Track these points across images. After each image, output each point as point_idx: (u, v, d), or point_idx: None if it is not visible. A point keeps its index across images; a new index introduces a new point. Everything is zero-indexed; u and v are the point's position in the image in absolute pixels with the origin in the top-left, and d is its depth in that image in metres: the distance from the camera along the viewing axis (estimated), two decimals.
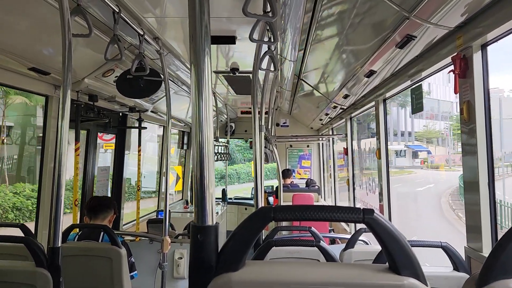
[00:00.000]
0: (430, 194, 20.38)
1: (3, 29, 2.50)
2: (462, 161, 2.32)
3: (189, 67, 4.30)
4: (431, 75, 2.91)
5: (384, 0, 2.09)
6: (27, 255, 2.43)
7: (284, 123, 9.52)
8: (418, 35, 2.40)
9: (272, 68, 3.10)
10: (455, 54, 2.25)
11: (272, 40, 2.50)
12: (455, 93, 2.28)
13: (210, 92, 1.04)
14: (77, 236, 3.04)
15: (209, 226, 0.98)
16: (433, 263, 2.70)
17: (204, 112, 1.02)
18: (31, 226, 3.07)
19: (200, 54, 1.04)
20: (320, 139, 9.35)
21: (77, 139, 3.79)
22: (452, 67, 2.32)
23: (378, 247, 2.74)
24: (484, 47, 2.15)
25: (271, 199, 8.63)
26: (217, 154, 7.19)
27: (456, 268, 1.98)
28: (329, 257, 2.08)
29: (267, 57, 2.81)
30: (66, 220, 3.69)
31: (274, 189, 8.76)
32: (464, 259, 2.13)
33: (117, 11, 2.52)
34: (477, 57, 2.15)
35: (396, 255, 0.89)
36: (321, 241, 2.25)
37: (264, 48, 2.81)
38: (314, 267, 0.94)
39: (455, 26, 2.19)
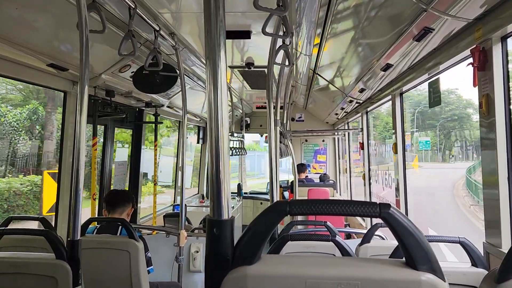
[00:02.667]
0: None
1: (23, 27, 2.55)
2: (481, 156, 2.28)
3: (204, 62, 4.32)
4: (449, 68, 2.86)
5: None
6: (47, 248, 2.49)
7: (299, 117, 9.48)
8: (436, 28, 2.35)
9: (287, 63, 3.10)
10: (474, 46, 2.21)
11: (286, 34, 2.49)
12: (474, 86, 2.23)
13: (225, 87, 1.04)
14: (96, 230, 3.10)
15: (225, 220, 0.99)
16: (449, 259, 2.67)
17: (219, 108, 1.03)
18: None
19: (215, 49, 1.04)
20: (336, 133, 9.29)
21: (94, 134, 3.85)
22: (470, 60, 2.27)
23: (394, 242, 2.72)
24: (504, 39, 2.10)
25: (286, 193, 8.63)
26: (233, 149, 7.21)
27: (474, 264, 1.96)
28: (344, 252, 2.07)
29: (282, 52, 2.80)
30: (85, 213, 3.77)
31: (289, 184, 8.75)
32: (482, 254, 2.10)
33: (133, 7, 2.54)
34: (496, 49, 2.10)
35: (413, 250, 0.88)
36: (336, 235, 2.24)
37: (279, 42, 2.80)
38: (330, 262, 0.94)
39: (474, 18, 2.15)
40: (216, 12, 1.06)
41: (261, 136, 10.75)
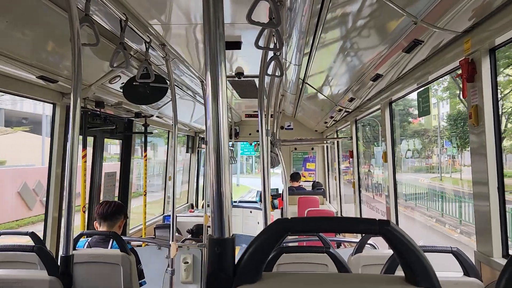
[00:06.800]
0: None
1: (13, 39, 2.52)
2: (472, 166, 2.31)
3: (194, 72, 4.33)
4: (438, 79, 2.90)
5: (391, 5, 2.08)
6: (36, 263, 2.45)
7: (288, 125, 9.52)
8: (425, 40, 2.39)
9: (277, 73, 3.11)
10: (463, 58, 2.25)
11: (278, 47, 2.50)
12: (463, 97, 2.27)
13: (225, 99, 1.04)
14: (87, 243, 3.06)
15: (227, 238, 0.98)
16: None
17: (221, 120, 1.02)
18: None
19: (216, 61, 1.05)
20: (325, 142, 9.34)
21: (84, 146, 3.81)
22: (459, 71, 2.31)
23: (387, 252, 2.74)
24: (492, 51, 2.14)
25: (276, 201, 8.62)
26: None
27: (466, 273, 1.97)
28: (339, 264, 2.08)
29: (272, 61, 2.82)
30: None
31: (279, 192, 8.75)
32: (474, 263, 2.12)
33: (124, 19, 2.54)
34: (485, 61, 2.15)
35: (414, 266, 0.89)
36: (330, 247, 2.25)
37: (270, 53, 2.82)
38: (330, 280, 0.94)
39: (463, 30, 2.19)
40: (216, 25, 1.06)
41: (250, 144, 10.76)
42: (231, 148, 7.98)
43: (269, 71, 3.04)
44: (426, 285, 0.88)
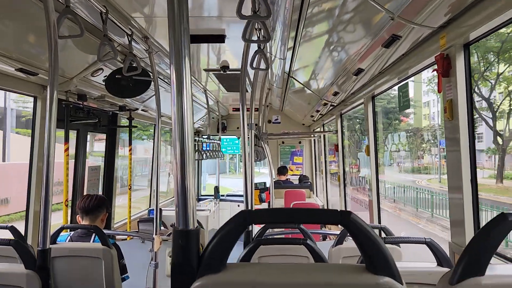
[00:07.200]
0: None
1: None
2: (446, 159, 2.36)
3: None
4: (418, 73, 2.94)
5: (369, 1, 2.11)
6: (16, 257, 2.44)
7: (275, 119, 9.54)
8: (404, 35, 2.42)
9: (262, 66, 3.12)
10: (438, 53, 2.28)
11: (266, 39, 2.51)
12: (439, 92, 2.31)
13: (189, 94, 1.05)
14: (69, 237, 3.05)
15: (191, 230, 1.00)
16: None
17: (185, 114, 1.03)
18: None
19: (180, 54, 1.05)
20: (312, 135, 9.39)
21: (66, 140, 3.79)
22: (435, 66, 2.35)
23: None
24: (466, 46, 2.18)
25: (263, 195, 8.66)
26: (209, 151, 7.19)
27: (440, 263, 2.02)
28: (316, 255, 2.11)
29: (257, 55, 2.82)
30: (57, 220, 3.68)
31: (267, 186, 8.79)
32: (448, 254, 2.17)
33: (105, 11, 2.52)
34: (459, 57, 2.18)
35: (373, 256, 0.92)
36: (308, 239, 2.28)
37: (254, 46, 2.83)
38: (294, 268, 0.97)
39: (439, 26, 2.22)
40: (180, 18, 1.07)
41: (238, 138, 10.77)
42: (218, 142, 7.97)
43: (254, 65, 3.05)
44: (385, 274, 0.91)
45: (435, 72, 2.35)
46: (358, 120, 9.77)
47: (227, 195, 10.19)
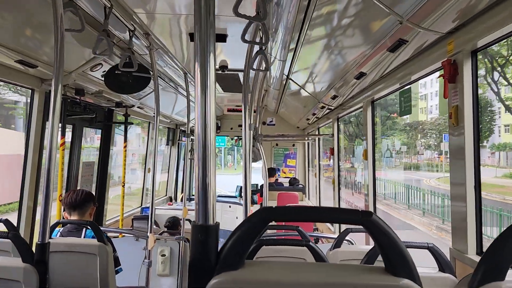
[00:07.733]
0: None
1: None
2: (450, 164, 2.36)
3: (178, 63, 4.28)
4: (420, 79, 2.95)
5: (378, 4, 2.10)
6: (10, 250, 2.39)
7: (270, 121, 9.53)
8: (410, 39, 2.43)
9: (262, 68, 3.11)
10: (445, 59, 2.29)
11: (264, 41, 2.50)
12: (445, 97, 2.31)
13: (213, 91, 1.03)
14: (59, 233, 3.00)
15: (211, 225, 0.98)
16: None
17: (208, 112, 1.02)
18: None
19: (206, 53, 1.04)
20: (307, 138, 9.40)
21: (62, 134, 3.73)
22: (441, 72, 2.35)
23: (364, 247, 2.77)
24: (474, 53, 2.18)
25: (255, 197, 8.64)
26: None
27: (442, 269, 2.02)
28: (318, 257, 2.09)
29: (258, 56, 2.81)
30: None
31: (259, 188, 8.77)
32: (449, 260, 2.18)
33: (109, 6, 2.49)
34: (467, 63, 2.19)
35: (394, 257, 0.90)
36: (310, 241, 2.27)
37: (255, 47, 2.81)
38: (313, 268, 0.95)
39: (447, 31, 2.23)
40: (206, 16, 1.05)
41: (231, 139, 10.74)
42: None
43: (255, 66, 3.03)
44: (405, 276, 0.90)
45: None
46: (350, 123, 9.80)
47: (218, 196, 10.15)
